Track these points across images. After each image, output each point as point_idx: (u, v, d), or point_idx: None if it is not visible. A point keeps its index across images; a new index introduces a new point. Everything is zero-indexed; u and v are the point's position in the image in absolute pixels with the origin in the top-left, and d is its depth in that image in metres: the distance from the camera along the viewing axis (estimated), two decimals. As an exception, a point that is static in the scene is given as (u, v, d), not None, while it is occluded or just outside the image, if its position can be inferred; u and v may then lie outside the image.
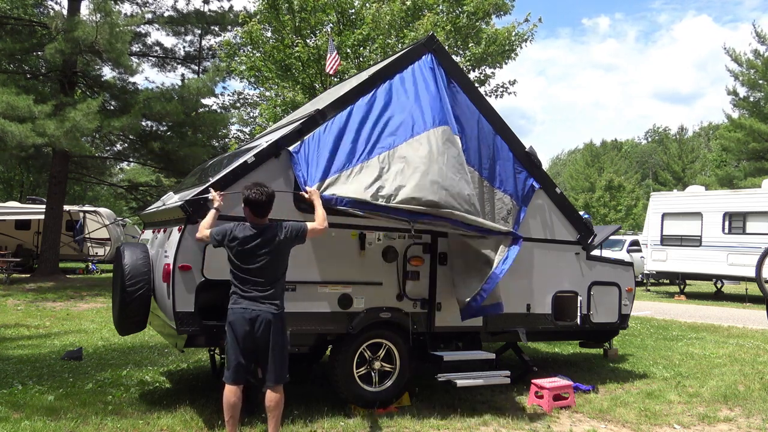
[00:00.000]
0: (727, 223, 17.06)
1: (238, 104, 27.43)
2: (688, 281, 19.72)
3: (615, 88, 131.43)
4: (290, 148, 5.20)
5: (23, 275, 18.48)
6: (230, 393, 4.41)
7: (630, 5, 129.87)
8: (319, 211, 4.78)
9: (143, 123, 18.84)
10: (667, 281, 22.43)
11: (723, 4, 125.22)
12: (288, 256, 4.57)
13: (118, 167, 32.33)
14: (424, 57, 5.78)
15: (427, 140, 5.35)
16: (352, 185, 5.10)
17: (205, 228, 4.62)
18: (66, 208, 20.05)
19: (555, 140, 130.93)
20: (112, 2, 15.91)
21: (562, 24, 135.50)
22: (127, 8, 20.39)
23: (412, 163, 5.21)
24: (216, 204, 4.77)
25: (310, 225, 4.63)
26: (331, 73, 11.50)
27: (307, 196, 4.94)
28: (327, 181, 5.08)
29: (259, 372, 5.04)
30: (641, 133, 79.11)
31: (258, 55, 16.22)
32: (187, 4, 29.83)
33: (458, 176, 5.30)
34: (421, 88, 5.64)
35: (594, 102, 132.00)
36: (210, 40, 22.09)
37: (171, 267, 4.84)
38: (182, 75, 22.79)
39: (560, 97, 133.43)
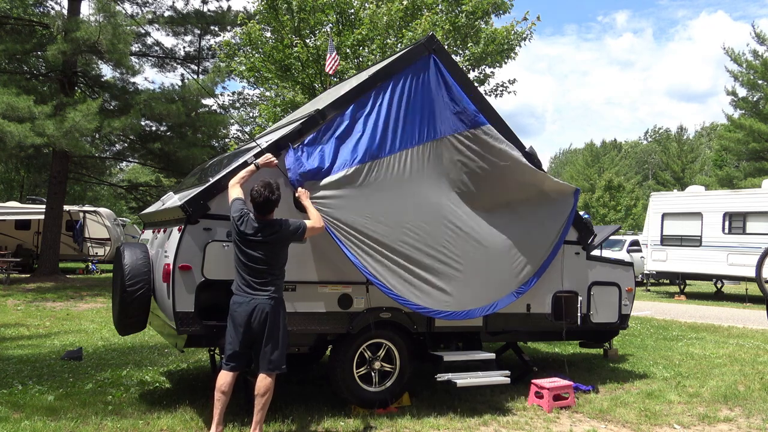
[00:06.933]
0: (727, 223, 17.05)
1: (237, 104, 27.43)
2: (688, 281, 19.71)
3: (628, 86, 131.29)
4: (292, 144, 5.20)
5: (23, 275, 18.48)
6: (221, 378, 4.55)
7: (635, 3, 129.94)
8: (312, 211, 4.91)
9: (143, 123, 18.84)
10: (667, 281, 22.42)
11: (734, 1, 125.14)
12: (286, 250, 4.70)
13: (118, 167, 32.31)
14: (424, 57, 5.77)
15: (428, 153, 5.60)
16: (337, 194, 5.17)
17: (236, 182, 4.77)
18: (66, 208, 20.04)
19: (565, 139, 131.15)
20: (113, 2, 15.90)
21: (568, 21, 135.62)
22: (127, 8, 20.40)
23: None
24: (261, 163, 4.90)
25: (308, 223, 4.76)
26: (330, 73, 11.50)
27: (297, 195, 5.00)
28: (313, 183, 5.10)
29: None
30: (652, 132, 78.90)
31: (257, 55, 16.21)
32: (186, 4, 29.82)
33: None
34: (421, 91, 5.66)
35: (606, 100, 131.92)
36: (209, 40, 22.07)
37: (171, 267, 4.84)
38: (182, 75, 22.81)
39: (571, 96, 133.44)
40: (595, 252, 7.19)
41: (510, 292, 5.96)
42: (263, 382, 4.52)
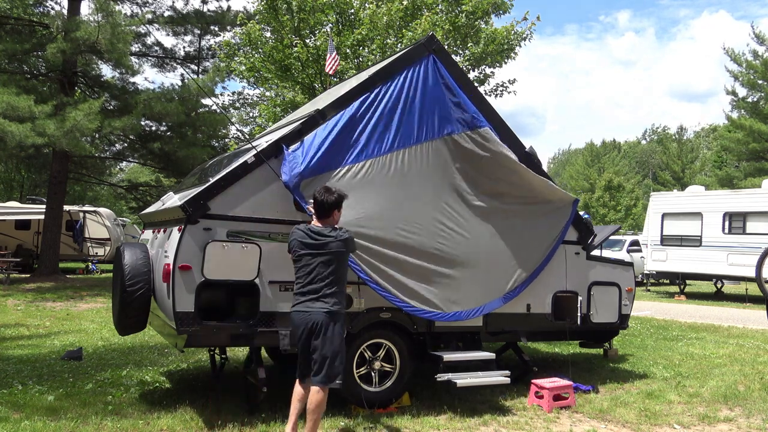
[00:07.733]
0: (727, 223, 17.06)
1: (237, 104, 27.45)
2: (688, 281, 19.72)
3: (628, 85, 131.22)
4: (287, 147, 5.20)
5: (23, 275, 18.48)
6: (296, 389, 4.53)
7: (637, 2, 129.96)
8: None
9: (143, 123, 18.84)
10: (667, 281, 22.42)
11: (735, 1, 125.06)
12: (347, 259, 4.60)
13: (118, 167, 32.31)
14: (424, 58, 5.77)
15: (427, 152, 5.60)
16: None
17: None
18: (66, 208, 20.04)
19: (565, 139, 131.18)
20: (113, 2, 15.91)
21: (568, 21, 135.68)
22: (127, 8, 20.41)
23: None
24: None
25: None
26: (330, 73, 11.50)
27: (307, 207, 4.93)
28: (308, 180, 5.07)
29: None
30: (651, 131, 78.80)
31: (257, 55, 16.21)
32: (186, 4, 29.83)
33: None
34: (420, 92, 5.66)
35: (607, 100, 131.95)
36: (209, 40, 22.08)
37: (171, 267, 4.84)
38: (182, 75, 22.80)
39: (572, 96, 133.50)
40: (595, 252, 7.19)
41: (499, 297, 5.99)
42: (315, 396, 4.35)
